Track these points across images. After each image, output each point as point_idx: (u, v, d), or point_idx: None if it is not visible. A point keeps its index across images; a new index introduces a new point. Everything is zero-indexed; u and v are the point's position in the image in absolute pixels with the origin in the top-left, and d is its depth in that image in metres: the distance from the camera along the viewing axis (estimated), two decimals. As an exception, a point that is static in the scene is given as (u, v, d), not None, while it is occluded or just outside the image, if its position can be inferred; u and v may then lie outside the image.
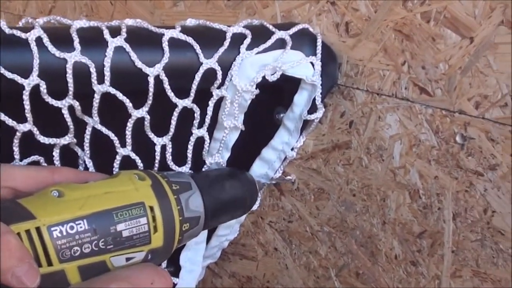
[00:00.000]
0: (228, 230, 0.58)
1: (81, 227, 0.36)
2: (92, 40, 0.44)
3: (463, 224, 0.46)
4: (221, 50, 0.47)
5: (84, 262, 0.37)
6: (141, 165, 0.48)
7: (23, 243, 0.34)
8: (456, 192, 0.46)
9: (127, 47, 0.44)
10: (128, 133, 0.47)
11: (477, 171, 0.45)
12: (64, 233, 0.36)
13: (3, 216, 0.35)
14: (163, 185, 0.42)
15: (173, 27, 0.46)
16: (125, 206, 0.39)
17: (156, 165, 0.49)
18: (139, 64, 0.44)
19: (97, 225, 0.37)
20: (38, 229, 0.35)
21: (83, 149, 0.46)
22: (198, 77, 0.46)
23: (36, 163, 0.45)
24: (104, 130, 0.46)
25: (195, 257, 0.56)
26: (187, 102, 0.47)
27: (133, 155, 0.48)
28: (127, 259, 0.39)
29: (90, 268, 0.37)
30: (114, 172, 0.48)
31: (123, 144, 0.47)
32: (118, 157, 0.47)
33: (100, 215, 0.37)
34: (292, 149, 0.54)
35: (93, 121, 0.45)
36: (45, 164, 0.45)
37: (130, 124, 0.46)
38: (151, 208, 0.40)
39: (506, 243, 0.44)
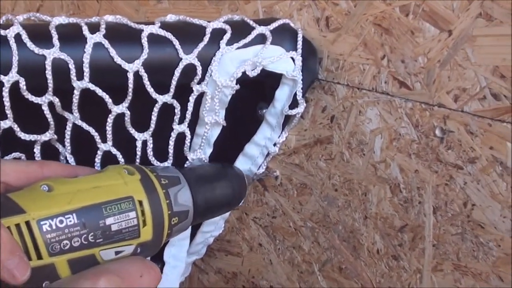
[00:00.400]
0: (213, 226, 0.58)
1: (70, 221, 0.37)
2: (71, 37, 0.44)
3: (444, 217, 0.46)
4: (201, 45, 0.47)
5: (74, 256, 0.37)
6: (122, 160, 0.48)
7: (13, 237, 0.35)
8: (436, 185, 0.46)
9: (106, 43, 0.44)
10: (109, 128, 0.47)
11: (457, 165, 0.45)
12: (54, 227, 0.36)
13: None
14: (152, 180, 0.42)
15: (153, 23, 0.46)
16: (114, 200, 0.39)
17: (138, 160, 0.49)
18: (118, 60, 0.44)
19: (86, 219, 0.37)
20: (27, 223, 0.35)
21: (64, 146, 0.46)
22: (177, 72, 0.46)
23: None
24: (85, 125, 0.46)
25: (179, 253, 0.56)
26: (167, 98, 0.47)
27: (114, 150, 0.48)
28: (116, 253, 0.39)
29: (80, 261, 0.37)
30: (95, 168, 0.48)
31: (104, 140, 0.47)
32: (100, 152, 0.47)
33: (89, 209, 0.38)
34: (274, 145, 0.54)
35: (74, 117, 0.45)
36: (27, 161, 0.46)
37: (110, 120, 0.46)
38: (140, 202, 0.40)
39: (486, 236, 0.44)
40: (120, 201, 0.39)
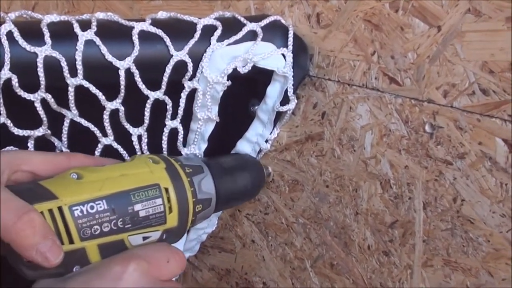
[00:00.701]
0: (206, 223, 0.59)
1: (100, 207, 0.38)
2: (63, 34, 0.44)
3: (433, 213, 0.46)
4: (192, 42, 0.47)
5: (104, 241, 0.38)
6: (124, 152, 0.49)
7: (46, 221, 0.36)
8: (426, 181, 0.46)
9: (97, 40, 0.44)
10: (106, 124, 0.47)
11: (446, 160, 0.45)
12: (85, 213, 0.37)
13: (26, 196, 0.36)
14: (176, 168, 0.43)
15: (144, 20, 0.46)
16: (142, 187, 0.40)
17: (138, 153, 0.49)
18: (109, 57, 0.44)
19: (115, 205, 0.39)
20: (60, 209, 0.37)
21: (60, 140, 0.47)
22: (168, 69, 0.47)
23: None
24: (83, 122, 0.47)
25: (173, 249, 0.56)
26: (159, 94, 0.48)
27: (115, 145, 0.48)
28: (144, 238, 0.41)
29: (110, 246, 0.39)
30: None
31: (104, 134, 0.47)
32: (100, 146, 0.48)
33: (118, 196, 0.39)
34: (266, 141, 0.54)
35: (72, 114, 0.46)
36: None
37: (106, 116, 0.47)
38: (166, 190, 0.42)
39: (475, 232, 0.44)
40: (147, 188, 0.41)
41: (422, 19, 0.44)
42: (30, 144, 0.46)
